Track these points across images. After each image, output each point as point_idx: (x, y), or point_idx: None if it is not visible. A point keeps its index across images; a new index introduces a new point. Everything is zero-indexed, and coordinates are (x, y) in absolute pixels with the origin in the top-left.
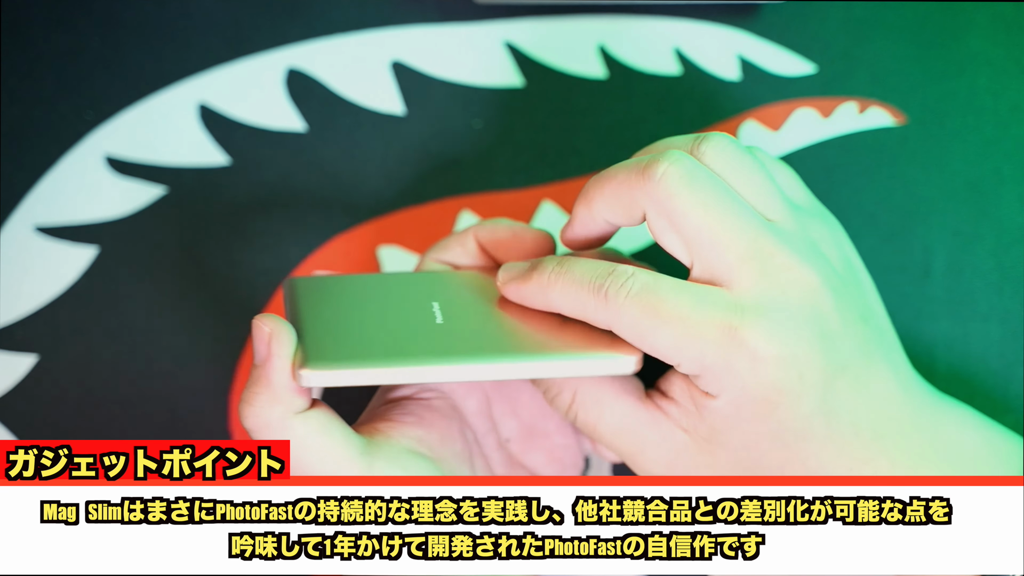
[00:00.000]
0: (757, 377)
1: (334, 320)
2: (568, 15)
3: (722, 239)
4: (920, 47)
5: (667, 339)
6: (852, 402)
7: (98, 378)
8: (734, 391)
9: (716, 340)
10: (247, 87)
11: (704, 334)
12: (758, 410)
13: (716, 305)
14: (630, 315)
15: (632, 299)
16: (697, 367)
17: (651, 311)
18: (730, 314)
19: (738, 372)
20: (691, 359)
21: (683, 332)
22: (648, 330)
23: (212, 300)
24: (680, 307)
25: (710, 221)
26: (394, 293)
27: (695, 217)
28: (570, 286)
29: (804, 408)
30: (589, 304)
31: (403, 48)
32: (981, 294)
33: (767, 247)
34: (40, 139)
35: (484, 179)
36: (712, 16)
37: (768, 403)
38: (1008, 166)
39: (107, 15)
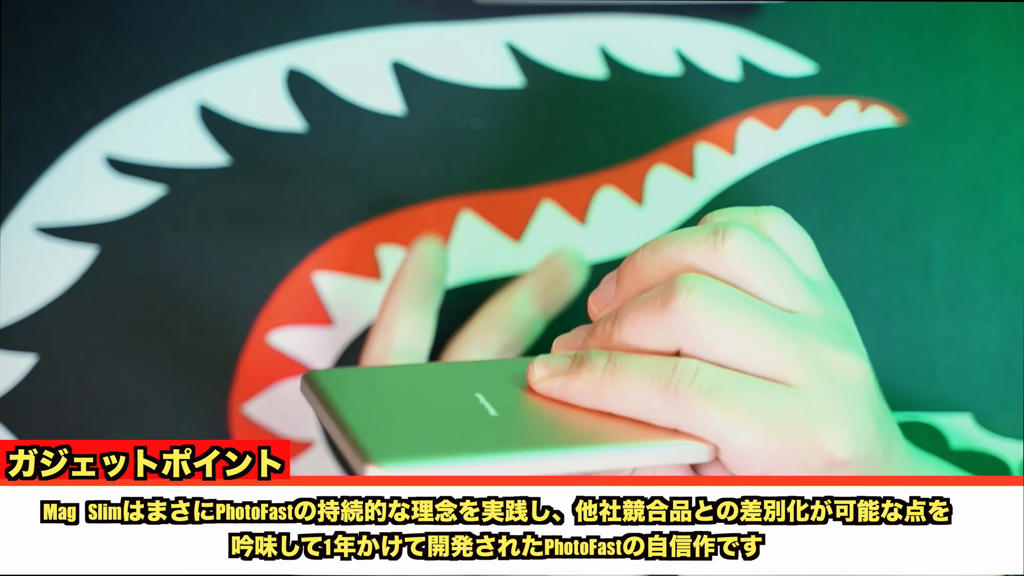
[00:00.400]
0: (831, 474)
1: (379, 412)
2: (568, 15)
3: (766, 345)
4: (920, 47)
5: (747, 440)
6: (887, 470)
7: (98, 378)
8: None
9: (794, 442)
10: (247, 87)
11: (783, 435)
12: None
13: (788, 404)
14: (705, 414)
15: (706, 397)
16: (770, 468)
17: (728, 409)
18: (803, 414)
19: (814, 470)
20: (767, 460)
21: (763, 433)
22: (728, 430)
23: (212, 300)
24: (754, 405)
25: (747, 336)
26: (430, 384)
27: (731, 339)
28: (630, 386)
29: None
30: (655, 405)
31: (403, 48)
32: (981, 294)
33: (810, 343)
34: (40, 139)
35: (484, 179)
36: (712, 16)
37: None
38: (1008, 166)
39: (107, 15)
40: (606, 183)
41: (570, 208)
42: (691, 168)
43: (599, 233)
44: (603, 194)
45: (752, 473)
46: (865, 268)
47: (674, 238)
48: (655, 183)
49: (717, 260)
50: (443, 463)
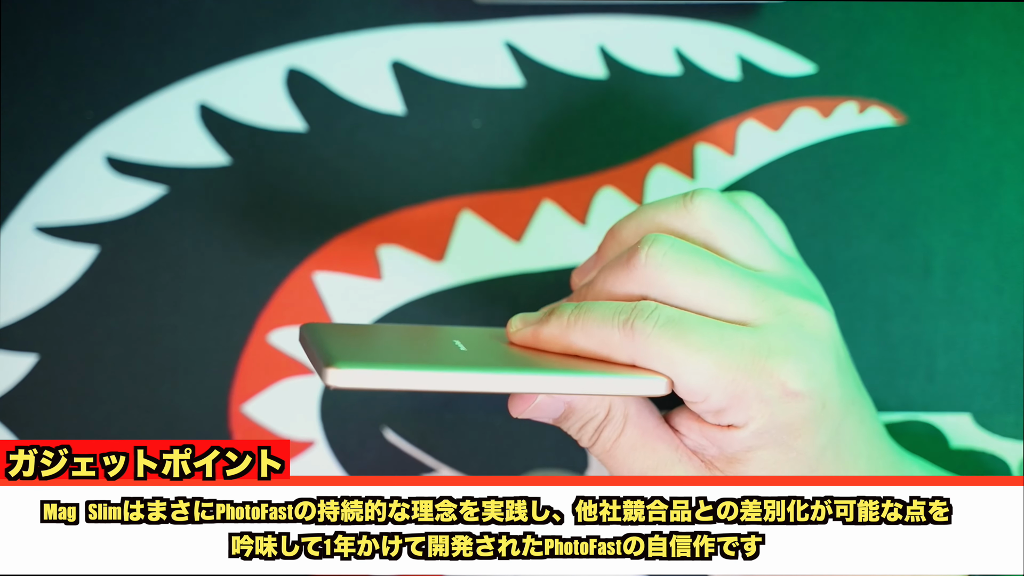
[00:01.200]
0: (786, 408)
1: (361, 341)
2: (568, 15)
3: (727, 292)
4: (920, 47)
5: (701, 369)
6: (855, 434)
7: (98, 378)
8: (762, 420)
9: (748, 371)
10: (247, 87)
11: (737, 364)
12: (780, 439)
13: (744, 339)
14: (659, 345)
15: (661, 330)
16: (727, 398)
17: (682, 341)
18: (758, 347)
19: (769, 400)
20: (723, 389)
21: (716, 362)
22: (681, 360)
23: (212, 300)
24: (710, 338)
25: (707, 283)
26: (412, 334)
27: (692, 283)
28: (592, 324)
29: (821, 438)
30: (614, 339)
31: (403, 48)
32: (981, 294)
33: (771, 291)
34: (40, 139)
35: (484, 179)
36: (712, 16)
37: (792, 432)
38: (1008, 166)
39: (107, 15)
40: (606, 183)
41: (570, 208)
42: (691, 169)
43: (599, 233)
44: (603, 194)
45: (710, 406)
46: (865, 268)
47: (649, 205)
48: (655, 184)
49: (687, 217)
50: (401, 371)
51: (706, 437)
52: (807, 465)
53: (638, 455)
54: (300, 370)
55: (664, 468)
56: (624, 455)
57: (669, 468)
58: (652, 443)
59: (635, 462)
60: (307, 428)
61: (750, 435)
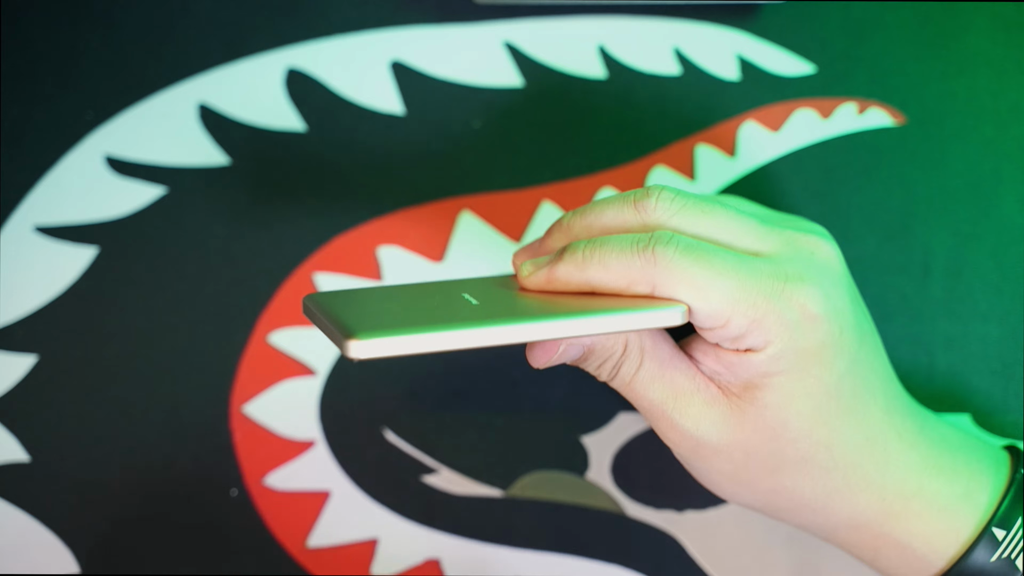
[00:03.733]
0: (806, 330)
1: (372, 307)
2: (568, 15)
3: (736, 228)
4: (920, 47)
5: (723, 291)
6: (871, 369)
7: (98, 378)
8: (782, 342)
9: (768, 294)
10: (247, 87)
11: (757, 287)
12: (798, 364)
13: (761, 265)
14: (682, 268)
15: (683, 254)
16: (747, 322)
17: (704, 264)
18: (776, 273)
19: (790, 323)
20: (743, 312)
21: (738, 284)
22: (704, 284)
23: (212, 300)
24: (730, 262)
25: (717, 220)
26: (417, 291)
27: (702, 222)
28: (610, 255)
29: (839, 366)
30: (635, 266)
31: (403, 48)
32: (981, 294)
33: (777, 229)
34: (40, 139)
35: (484, 179)
36: (712, 16)
37: (810, 357)
38: (1008, 166)
39: (107, 15)
40: (606, 183)
41: (570, 208)
42: (691, 169)
43: None
44: (603, 194)
45: (730, 332)
46: (864, 268)
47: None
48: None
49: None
50: (422, 335)
51: (723, 363)
52: (826, 395)
53: (656, 386)
54: (300, 370)
55: (682, 398)
56: (643, 387)
57: (687, 398)
58: (669, 373)
59: (654, 393)
60: (307, 428)
61: (768, 359)
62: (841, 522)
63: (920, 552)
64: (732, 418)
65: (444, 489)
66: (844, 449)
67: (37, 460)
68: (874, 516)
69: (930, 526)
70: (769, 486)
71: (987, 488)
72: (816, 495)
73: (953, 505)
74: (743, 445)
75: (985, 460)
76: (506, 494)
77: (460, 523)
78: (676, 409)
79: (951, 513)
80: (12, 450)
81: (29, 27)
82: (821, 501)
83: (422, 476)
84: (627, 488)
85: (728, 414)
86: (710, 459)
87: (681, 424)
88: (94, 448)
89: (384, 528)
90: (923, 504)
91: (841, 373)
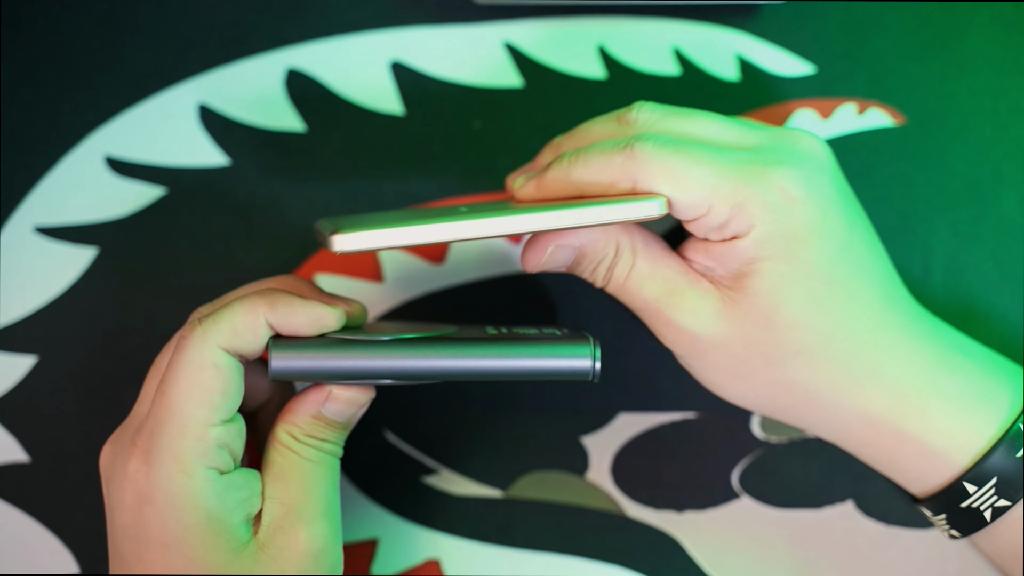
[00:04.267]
0: (788, 212)
1: (368, 217)
2: (568, 15)
3: (718, 128)
4: (920, 48)
5: (703, 177)
6: (864, 257)
7: (98, 378)
8: (765, 225)
9: (747, 178)
10: (247, 87)
11: (736, 173)
12: (785, 247)
13: (741, 154)
14: (661, 160)
15: (661, 147)
16: (729, 207)
17: (682, 154)
18: (755, 159)
19: (771, 205)
20: (724, 198)
21: (716, 171)
22: (684, 172)
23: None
24: (708, 151)
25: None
26: (422, 210)
27: (684, 126)
28: (593, 156)
29: (827, 250)
30: (615, 163)
31: (403, 48)
32: (981, 294)
33: (759, 129)
34: (40, 140)
35: (484, 179)
36: (711, 16)
37: (795, 240)
38: (1008, 166)
39: (107, 15)
40: None
41: None
42: None
43: None
44: None
45: (714, 220)
46: None
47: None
48: None
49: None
50: (404, 228)
51: (712, 256)
52: (817, 280)
53: (649, 284)
54: None
55: (676, 293)
56: (637, 286)
57: (680, 293)
58: (662, 271)
59: (648, 291)
60: None
61: (753, 243)
62: (853, 418)
63: (940, 448)
64: (726, 310)
65: (444, 489)
66: (843, 337)
67: (37, 460)
68: (888, 411)
69: (951, 421)
70: (770, 379)
71: (1007, 389)
72: (819, 387)
73: (974, 404)
74: (739, 336)
75: (1002, 365)
76: (506, 494)
77: (460, 523)
78: (670, 305)
79: (972, 411)
80: (12, 450)
81: (29, 27)
82: (827, 395)
83: (422, 476)
84: (627, 488)
85: (722, 306)
86: (708, 355)
87: (677, 320)
88: (94, 448)
89: (384, 528)
90: (941, 401)
91: (831, 258)
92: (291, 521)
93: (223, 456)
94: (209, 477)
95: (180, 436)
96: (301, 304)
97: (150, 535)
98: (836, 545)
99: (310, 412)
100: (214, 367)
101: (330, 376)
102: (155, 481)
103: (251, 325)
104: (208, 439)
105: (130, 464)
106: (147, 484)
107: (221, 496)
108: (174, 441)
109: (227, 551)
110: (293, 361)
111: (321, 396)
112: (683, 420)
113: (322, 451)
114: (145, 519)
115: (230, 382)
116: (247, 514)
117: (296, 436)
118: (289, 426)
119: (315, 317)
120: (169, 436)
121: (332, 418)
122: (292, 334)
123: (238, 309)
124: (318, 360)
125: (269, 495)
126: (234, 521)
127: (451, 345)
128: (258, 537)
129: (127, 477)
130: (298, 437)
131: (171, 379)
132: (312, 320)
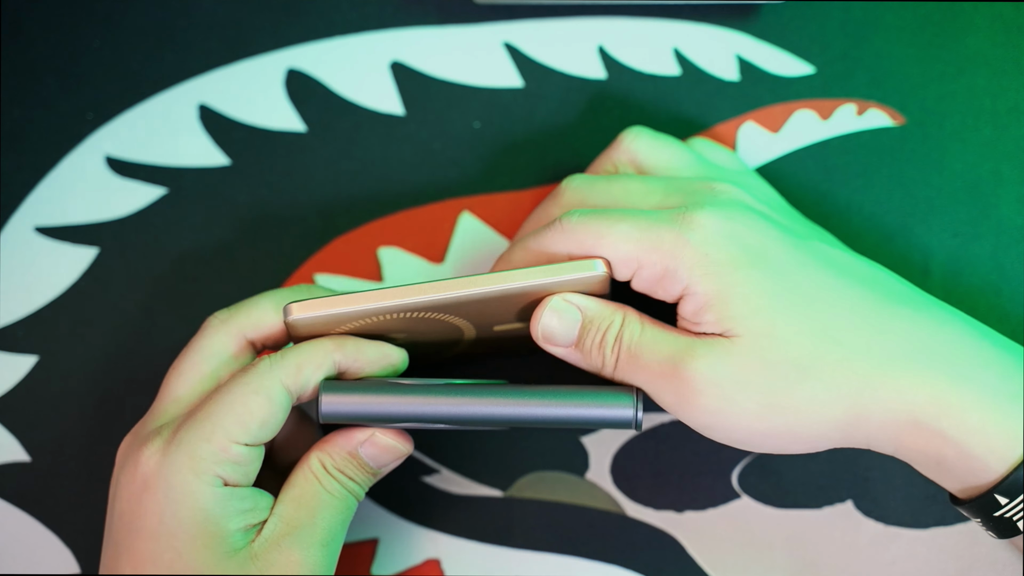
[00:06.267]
0: (715, 244)
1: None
2: (568, 16)
3: (639, 191)
4: (920, 48)
5: (627, 232)
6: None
7: (98, 378)
8: (702, 259)
9: (670, 223)
10: (247, 88)
11: (656, 225)
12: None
13: (662, 211)
14: (585, 228)
15: (585, 217)
16: (658, 254)
17: (605, 220)
18: (675, 210)
19: (697, 241)
20: (651, 246)
21: (636, 226)
22: (607, 231)
23: (212, 300)
24: (628, 213)
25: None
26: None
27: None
28: (529, 240)
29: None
30: (548, 240)
31: (403, 49)
32: (981, 294)
33: (681, 187)
34: (41, 140)
35: (484, 180)
36: (711, 17)
37: (735, 262)
38: (1007, 167)
39: (107, 16)
40: None
41: None
42: None
43: None
44: None
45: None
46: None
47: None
48: None
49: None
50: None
51: (690, 317)
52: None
53: (662, 342)
54: None
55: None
56: (650, 347)
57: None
58: (670, 332)
59: (663, 349)
60: None
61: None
62: (894, 420)
63: (977, 453)
64: (734, 347)
65: (444, 489)
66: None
67: (37, 460)
68: (926, 406)
69: (986, 417)
70: (792, 404)
71: None
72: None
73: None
74: (758, 364)
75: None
76: (506, 494)
77: (460, 523)
78: (689, 354)
79: (1006, 410)
80: (12, 450)
81: (30, 28)
82: (850, 400)
83: (422, 476)
84: (627, 488)
85: (731, 345)
86: (736, 398)
87: (696, 368)
88: (94, 448)
89: (384, 528)
90: (975, 394)
91: (783, 265)
92: (289, 541)
93: (236, 472)
94: (215, 483)
95: (204, 440)
96: (368, 344)
97: (144, 523)
98: (836, 545)
99: (347, 448)
100: (267, 398)
101: (380, 419)
102: (163, 470)
103: (318, 362)
104: (229, 452)
105: (147, 448)
106: (155, 470)
107: (221, 502)
108: (197, 442)
109: (217, 554)
110: (344, 405)
111: (363, 436)
112: None
113: (344, 488)
114: (143, 506)
115: (273, 416)
116: (246, 524)
117: (326, 466)
118: (323, 455)
119: (382, 355)
120: (194, 435)
121: (366, 461)
122: (357, 374)
123: (306, 348)
124: (370, 403)
125: (278, 512)
126: (230, 527)
127: (501, 392)
128: (253, 547)
129: (140, 460)
130: (328, 468)
131: (223, 392)
132: (380, 358)
